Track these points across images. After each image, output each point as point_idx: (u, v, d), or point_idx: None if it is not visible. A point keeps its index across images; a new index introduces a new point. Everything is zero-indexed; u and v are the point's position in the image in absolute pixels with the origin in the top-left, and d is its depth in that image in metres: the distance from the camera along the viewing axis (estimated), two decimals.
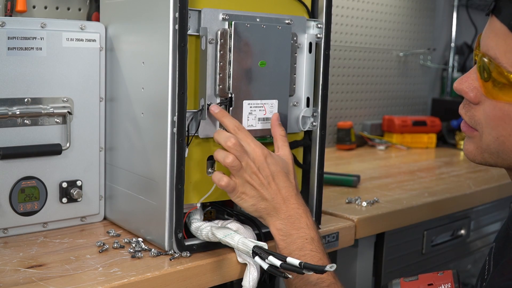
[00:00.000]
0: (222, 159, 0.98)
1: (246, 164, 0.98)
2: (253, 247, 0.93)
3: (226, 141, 0.97)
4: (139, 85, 1.06)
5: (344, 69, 2.27)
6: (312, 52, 1.11)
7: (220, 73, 1.00)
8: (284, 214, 0.99)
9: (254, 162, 0.98)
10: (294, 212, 0.99)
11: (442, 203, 1.50)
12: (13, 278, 0.89)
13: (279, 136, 1.06)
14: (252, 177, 0.99)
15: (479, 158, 0.88)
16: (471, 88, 0.85)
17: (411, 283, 1.05)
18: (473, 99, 0.85)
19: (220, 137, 0.99)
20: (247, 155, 0.98)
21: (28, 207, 1.09)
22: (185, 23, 0.95)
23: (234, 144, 0.97)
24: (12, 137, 1.06)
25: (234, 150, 0.97)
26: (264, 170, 0.99)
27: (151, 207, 1.04)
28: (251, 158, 0.98)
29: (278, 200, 0.99)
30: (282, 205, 0.99)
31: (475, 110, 0.86)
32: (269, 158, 1.00)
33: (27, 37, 1.06)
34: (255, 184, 0.99)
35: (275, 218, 0.99)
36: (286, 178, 1.01)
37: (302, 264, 0.85)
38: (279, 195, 1.00)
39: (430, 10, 2.60)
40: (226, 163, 0.97)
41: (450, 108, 2.52)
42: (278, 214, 0.99)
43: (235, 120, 1.00)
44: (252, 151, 0.99)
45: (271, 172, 0.99)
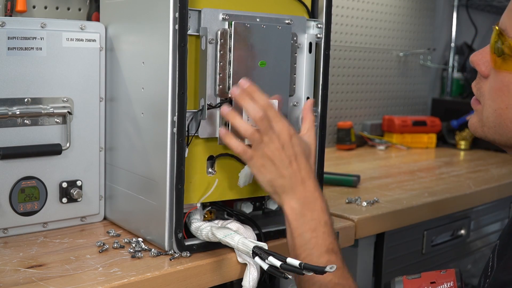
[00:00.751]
0: (243, 130, 0.98)
1: (270, 139, 0.98)
2: (253, 247, 0.93)
3: (255, 113, 0.97)
4: (139, 85, 1.06)
5: (344, 69, 2.27)
6: (312, 52, 1.11)
7: (220, 73, 1.00)
8: (300, 194, 0.99)
9: (279, 139, 0.98)
10: (310, 194, 0.99)
11: (442, 203, 1.50)
12: (13, 278, 0.89)
13: (310, 120, 1.07)
14: (274, 153, 0.98)
15: (479, 131, 0.90)
16: (483, 61, 0.88)
17: (413, 281, 1.05)
18: (483, 72, 0.88)
19: (249, 106, 0.98)
20: (272, 131, 0.98)
21: (28, 207, 1.09)
22: (185, 23, 0.95)
23: (261, 117, 0.97)
24: (12, 137, 1.06)
25: (261, 123, 0.97)
26: (288, 149, 0.99)
27: (151, 207, 1.04)
28: (276, 134, 0.98)
29: (297, 180, 0.99)
30: (300, 185, 0.99)
31: (483, 83, 0.89)
32: (294, 138, 1.00)
33: (27, 37, 1.06)
34: (276, 160, 0.98)
35: (291, 197, 0.99)
36: (307, 160, 1.01)
37: (302, 265, 0.85)
38: (298, 175, 0.99)
39: (430, 10, 2.60)
40: (247, 134, 0.98)
41: (450, 108, 2.52)
42: (295, 193, 0.99)
43: (266, 98, 1.00)
44: (279, 129, 0.99)
45: (294, 152, 0.99)
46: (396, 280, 1.07)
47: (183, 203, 0.99)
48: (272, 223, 1.13)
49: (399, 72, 2.52)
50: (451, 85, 2.73)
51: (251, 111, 0.98)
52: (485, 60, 0.88)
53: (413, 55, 2.56)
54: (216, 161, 1.05)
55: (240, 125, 0.99)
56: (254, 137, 0.98)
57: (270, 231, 1.10)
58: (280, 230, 1.11)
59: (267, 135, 0.98)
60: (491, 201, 1.72)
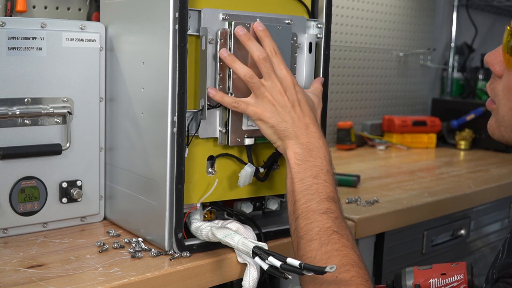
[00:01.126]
0: (243, 73, 0.97)
1: (272, 83, 0.97)
2: (253, 247, 0.93)
3: (258, 53, 0.96)
4: (139, 85, 1.06)
5: (344, 69, 2.27)
6: (312, 52, 1.11)
7: (220, 73, 1.00)
8: (304, 139, 0.97)
9: (282, 83, 0.97)
10: (314, 141, 0.98)
11: (442, 203, 1.50)
12: (13, 278, 0.89)
13: (318, 81, 1.08)
14: (276, 97, 0.97)
15: (497, 133, 0.90)
16: (497, 61, 0.89)
17: (424, 272, 1.05)
18: (497, 71, 0.88)
19: (254, 47, 0.97)
20: (275, 75, 0.97)
21: (28, 207, 1.09)
22: (185, 23, 0.95)
23: (264, 58, 0.96)
24: (12, 137, 1.06)
25: (263, 65, 0.96)
26: (291, 93, 0.98)
27: (151, 207, 1.04)
28: (279, 79, 0.97)
29: (300, 124, 0.98)
30: (304, 130, 0.98)
31: (497, 83, 0.89)
32: (297, 87, 0.99)
33: (27, 37, 1.06)
34: (277, 105, 0.97)
35: (294, 142, 0.97)
36: (311, 108, 1.00)
37: (302, 265, 0.85)
38: (302, 120, 0.98)
39: (430, 10, 2.60)
40: (247, 77, 0.97)
41: (450, 108, 2.52)
42: (298, 138, 0.97)
43: (274, 44, 0.99)
44: (283, 75, 0.98)
45: (298, 98, 0.98)
46: (407, 271, 1.07)
47: (183, 203, 0.99)
48: (272, 223, 1.13)
49: (399, 72, 2.52)
50: (451, 85, 2.73)
51: (255, 51, 0.96)
52: (499, 60, 0.88)
53: (413, 55, 2.56)
54: (216, 161, 1.05)
55: (240, 68, 0.97)
56: (254, 80, 0.97)
57: (270, 231, 1.10)
58: (280, 230, 1.11)
59: (269, 79, 0.97)
60: (491, 201, 1.72)
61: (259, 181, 1.09)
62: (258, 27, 0.99)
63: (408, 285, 1.06)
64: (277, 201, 1.17)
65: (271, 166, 1.10)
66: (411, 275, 1.06)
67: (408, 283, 1.06)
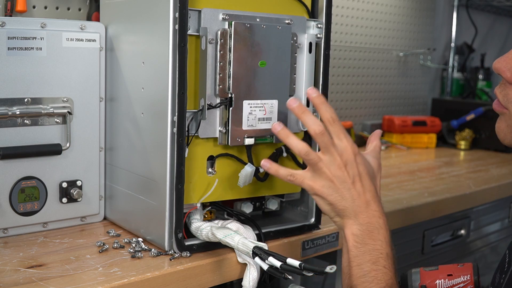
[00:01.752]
0: (298, 149, 0.92)
1: (331, 157, 0.91)
2: (253, 247, 0.93)
3: (315, 127, 0.90)
4: (139, 85, 1.06)
5: (344, 69, 2.27)
6: (312, 52, 1.11)
7: (220, 73, 1.00)
8: (364, 219, 0.91)
9: (342, 156, 0.91)
10: (374, 221, 0.91)
11: (442, 203, 1.50)
12: (13, 278, 0.89)
13: (376, 143, 1.02)
14: (335, 173, 0.91)
15: (509, 137, 0.88)
16: (508, 67, 0.86)
17: (431, 273, 1.05)
18: (509, 78, 0.86)
19: (308, 119, 0.91)
20: (334, 148, 0.91)
21: (28, 207, 1.09)
22: (185, 23, 0.95)
23: (321, 132, 0.90)
24: (12, 137, 1.06)
25: (321, 139, 0.91)
26: (352, 168, 0.91)
27: (151, 207, 1.04)
28: (338, 152, 0.91)
29: (361, 203, 0.91)
30: (364, 209, 0.91)
31: (509, 89, 0.87)
32: (359, 157, 0.92)
33: (27, 37, 1.06)
34: (336, 181, 0.91)
35: (353, 222, 0.92)
36: (372, 182, 0.94)
37: (302, 266, 0.84)
38: (362, 198, 0.92)
39: (430, 10, 2.60)
40: (302, 153, 0.91)
41: (450, 108, 2.52)
42: (357, 218, 0.91)
43: (332, 110, 0.93)
44: (343, 146, 0.91)
45: (359, 172, 0.92)
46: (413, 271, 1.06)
47: (183, 203, 0.99)
48: (272, 223, 1.13)
49: (399, 72, 2.52)
50: (451, 85, 2.73)
51: (311, 125, 0.91)
52: (510, 66, 0.86)
53: (413, 55, 2.56)
54: (216, 161, 1.05)
55: (295, 144, 0.92)
56: (311, 156, 0.91)
57: (270, 231, 1.10)
58: (280, 230, 1.11)
59: (328, 153, 0.91)
60: (491, 201, 1.72)
61: (259, 181, 1.09)
62: (312, 94, 0.93)
63: (414, 286, 1.05)
64: (277, 201, 1.17)
65: None
66: (417, 276, 1.06)
67: (414, 284, 1.05)
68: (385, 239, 0.92)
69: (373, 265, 0.90)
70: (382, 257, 0.90)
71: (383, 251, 0.91)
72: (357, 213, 0.91)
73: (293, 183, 0.95)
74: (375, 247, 0.91)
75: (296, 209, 1.20)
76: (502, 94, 0.88)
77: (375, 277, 0.89)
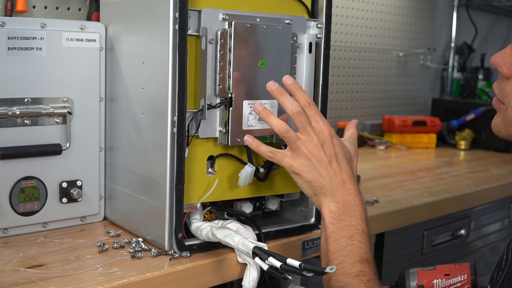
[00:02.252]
0: (276, 127, 0.96)
1: (308, 137, 0.95)
2: (253, 247, 0.93)
3: (292, 107, 0.95)
4: (139, 85, 1.06)
5: (344, 69, 2.27)
6: (312, 52, 1.11)
7: (220, 73, 1.00)
8: (340, 197, 0.95)
9: (319, 137, 0.95)
10: (351, 198, 0.96)
11: (442, 203, 1.50)
12: (13, 278, 0.89)
13: (353, 130, 1.07)
14: (313, 151, 0.95)
15: (503, 131, 0.91)
16: (505, 62, 0.89)
17: (428, 272, 1.06)
18: (505, 73, 0.89)
19: (287, 101, 0.96)
20: (311, 128, 0.95)
21: (28, 207, 1.09)
22: (185, 23, 0.95)
23: (298, 112, 0.94)
24: (12, 137, 1.06)
25: (298, 119, 0.95)
26: (328, 148, 0.96)
27: (151, 207, 1.04)
28: (315, 132, 0.96)
29: (337, 181, 0.96)
30: (340, 187, 0.96)
31: (506, 84, 0.89)
32: (335, 139, 0.97)
33: (27, 37, 1.06)
34: (314, 160, 0.95)
35: (330, 199, 0.96)
36: (349, 162, 0.98)
37: (302, 266, 0.85)
38: (338, 176, 0.96)
39: (430, 10, 2.60)
40: (281, 131, 0.95)
41: (450, 108, 2.52)
42: (334, 196, 0.95)
43: (307, 95, 0.97)
44: (320, 128, 0.96)
45: (335, 152, 0.96)
46: (410, 272, 1.07)
47: (183, 203, 0.99)
48: (272, 223, 1.13)
49: (399, 72, 2.52)
50: (451, 85, 2.73)
51: (288, 105, 0.95)
52: (507, 61, 0.88)
53: (413, 55, 2.56)
54: (216, 161, 1.05)
55: (275, 123, 0.96)
56: (290, 134, 0.95)
57: (270, 231, 1.10)
58: (279, 230, 1.11)
59: (305, 133, 0.95)
60: (491, 201, 1.72)
61: (259, 181, 1.09)
62: (287, 81, 0.97)
63: (412, 286, 1.06)
64: (277, 201, 1.17)
65: (271, 166, 1.10)
66: (415, 276, 1.06)
67: (412, 284, 1.06)
68: (361, 215, 0.96)
69: (349, 240, 0.94)
70: (358, 232, 0.94)
71: (358, 227, 0.95)
72: (334, 191, 0.95)
73: (273, 160, 0.98)
74: (351, 223, 0.95)
75: (296, 209, 1.20)
76: (498, 89, 0.91)
77: (350, 251, 0.93)
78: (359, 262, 0.92)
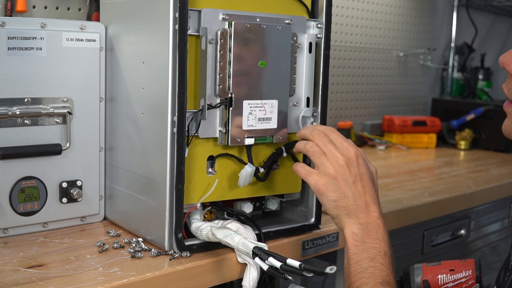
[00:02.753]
0: (302, 146, 0.98)
1: (332, 154, 0.95)
2: (253, 248, 0.93)
3: (312, 131, 0.97)
4: (139, 85, 1.06)
5: (344, 69, 2.27)
6: (312, 52, 1.11)
7: (220, 73, 1.00)
8: (363, 219, 0.94)
9: (343, 155, 0.95)
10: (373, 221, 0.94)
11: (442, 203, 1.50)
12: (13, 278, 0.89)
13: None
14: (338, 170, 0.94)
15: None
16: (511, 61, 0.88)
17: (433, 268, 1.06)
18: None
19: (306, 129, 1.00)
20: (333, 146, 0.95)
21: (28, 207, 1.09)
22: (185, 23, 0.95)
23: (317, 133, 0.96)
24: (12, 137, 1.06)
25: (317, 138, 0.96)
26: (353, 167, 0.94)
27: (151, 207, 1.04)
28: (339, 151, 0.95)
29: (361, 202, 0.94)
30: (364, 209, 0.94)
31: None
32: (360, 159, 0.96)
33: (27, 37, 1.06)
34: (339, 178, 0.94)
35: (353, 221, 0.94)
36: (372, 183, 0.97)
37: (302, 266, 0.84)
38: (362, 198, 0.94)
39: (430, 10, 2.60)
40: (306, 148, 0.96)
41: (450, 108, 2.52)
42: (357, 218, 0.94)
43: (325, 126, 1.01)
44: (344, 147, 0.96)
45: (360, 172, 0.95)
46: (415, 266, 1.07)
47: (183, 203, 0.99)
48: (272, 223, 1.13)
49: (399, 72, 2.52)
50: (451, 85, 2.73)
51: (308, 132, 0.99)
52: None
53: (413, 55, 2.56)
54: (216, 161, 1.05)
55: (300, 144, 0.99)
56: (314, 149, 0.95)
57: (270, 231, 1.10)
58: (280, 230, 1.11)
59: (326, 149, 0.95)
60: (491, 201, 1.72)
61: (259, 181, 1.09)
62: (302, 133, 1.02)
63: (416, 281, 1.06)
64: (277, 201, 1.17)
65: (271, 166, 1.10)
66: (420, 271, 1.07)
67: (416, 279, 1.06)
68: (383, 238, 0.94)
69: (371, 262, 0.92)
70: (380, 254, 0.92)
71: (381, 249, 0.93)
72: (358, 213, 0.94)
73: (299, 174, 0.98)
74: (373, 245, 0.93)
75: (296, 209, 1.20)
76: (507, 88, 0.90)
77: (372, 273, 0.91)
78: (380, 284, 0.90)
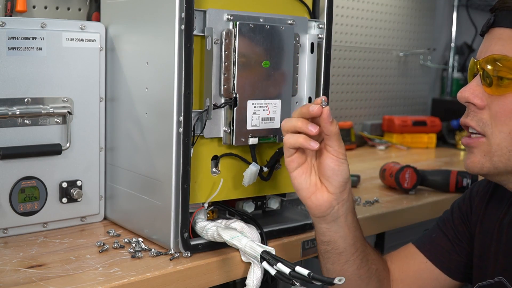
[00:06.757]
0: (285, 140, 0.95)
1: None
2: (262, 252, 0.92)
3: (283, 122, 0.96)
4: (142, 85, 1.06)
5: (344, 69, 2.27)
6: (313, 52, 1.11)
7: (225, 73, 1.00)
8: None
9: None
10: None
11: (442, 203, 1.50)
12: (13, 278, 0.88)
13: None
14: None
15: (487, 165, 0.89)
16: (475, 94, 0.89)
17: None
18: (479, 104, 0.89)
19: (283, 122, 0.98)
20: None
21: (28, 207, 1.08)
22: (191, 23, 0.95)
23: (283, 123, 0.95)
24: (12, 137, 1.06)
25: (285, 129, 0.96)
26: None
27: (155, 207, 1.03)
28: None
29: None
30: None
31: (481, 114, 0.89)
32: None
33: (27, 37, 1.05)
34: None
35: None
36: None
37: (311, 275, 0.84)
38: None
39: (430, 10, 2.60)
40: (284, 141, 0.94)
41: (450, 108, 2.52)
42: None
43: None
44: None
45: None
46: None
47: (189, 203, 0.99)
48: (272, 223, 1.13)
49: (399, 72, 2.52)
50: (451, 85, 2.73)
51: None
52: (477, 93, 0.89)
53: (413, 55, 2.56)
54: (220, 161, 1.04)
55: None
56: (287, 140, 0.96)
57: (272, 230, 1.10)
58: (281, 230, 1.11)
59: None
60: None
61: (263, 180, 1.08)
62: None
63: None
64: (278, 200, 1.17)
65: (273, 166, 1.10)
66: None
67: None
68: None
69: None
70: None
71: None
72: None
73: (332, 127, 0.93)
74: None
75: (297, 208, 1.20)
76: (474, 120, 0.90)
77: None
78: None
